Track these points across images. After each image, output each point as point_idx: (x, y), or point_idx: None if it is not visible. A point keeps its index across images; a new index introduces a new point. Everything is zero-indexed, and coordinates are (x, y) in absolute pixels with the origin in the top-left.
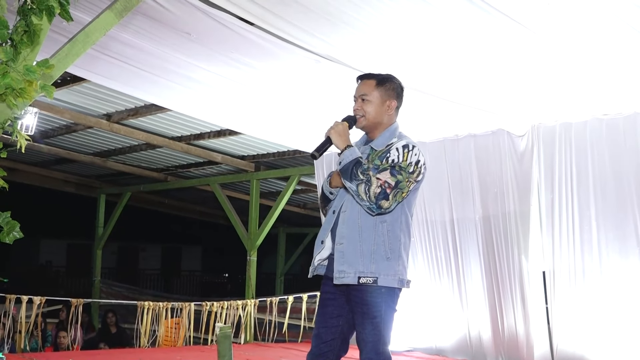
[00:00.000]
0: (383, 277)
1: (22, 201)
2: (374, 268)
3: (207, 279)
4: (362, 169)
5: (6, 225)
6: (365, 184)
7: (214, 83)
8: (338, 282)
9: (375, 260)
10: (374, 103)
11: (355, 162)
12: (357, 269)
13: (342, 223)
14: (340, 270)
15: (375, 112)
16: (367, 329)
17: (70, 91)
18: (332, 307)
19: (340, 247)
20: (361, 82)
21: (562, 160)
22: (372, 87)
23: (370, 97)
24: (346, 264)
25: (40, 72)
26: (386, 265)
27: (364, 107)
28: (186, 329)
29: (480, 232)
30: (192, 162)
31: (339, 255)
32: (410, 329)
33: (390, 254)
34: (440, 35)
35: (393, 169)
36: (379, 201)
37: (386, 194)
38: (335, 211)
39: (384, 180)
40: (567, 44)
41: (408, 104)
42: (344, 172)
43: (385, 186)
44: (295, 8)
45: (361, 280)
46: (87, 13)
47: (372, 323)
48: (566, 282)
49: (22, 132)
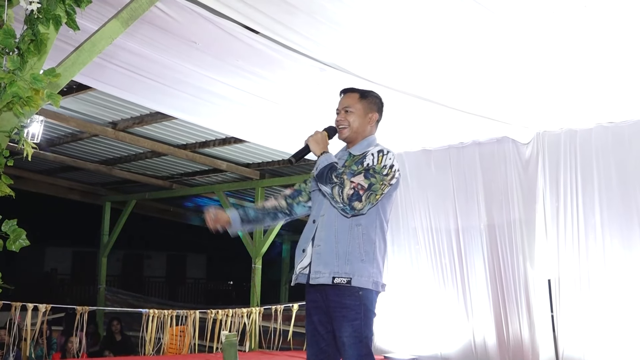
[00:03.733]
0: (357, 278)
1: (27, 209)
2: (348, 269)
3: (212, 287)
4: (336, 173)
5: (12, 233)
6: (339, 186)
7: (219, 91)
8: (313, 282)
9: (350, 262)
10: (357, 115)
11: (330, 166)
12: (332, 269)
13: (321, 227)
14: (316, 271)
15: (359, 124)
16: (347, 332)
17: (76, 99)
18: (319, 315)
19: (317, 249)
20: (344, 96)
21: (567, 167)
22: (356, 99)
23: (354, 109)
24: (322, 264)
25: (46, 80)
26: (360, 266)
27: (348, 118)
28: (191, 336)
29: (485, 240)
30: (197, 170)
31: (316, 257)
32: (415, 336)
33: (364, 256)
34: (445, 43)
35: (367, 172)
36: (352, 202)
37: (359, 195)
38: (315, 220)
39: (357, 183)
40: (572, 51)
41: (413, 112)
42: (319, 176)
43: (358, 188)
44: (300, 17)
45: (335, 280)
46: (94, 22)
47: (351, 326)
48: (572, 290)
49: (28, 140)
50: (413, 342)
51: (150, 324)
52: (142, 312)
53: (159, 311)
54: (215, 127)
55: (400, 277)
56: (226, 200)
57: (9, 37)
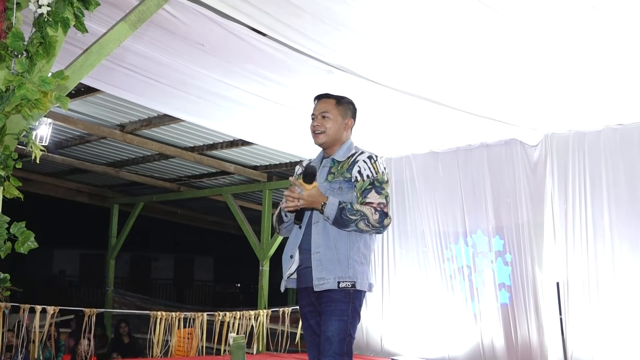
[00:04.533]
0: (359, 282)
1: (35, 211)
2: (351, 273)
3: (219, 289)
4: (351, 212)
5: (21, 235)
6: (362, 219)
7: (226, 93)
8: (319, 289)
9: (352, 266)
10: (334, 120)
11: (340, 210)
12: (336, 274)
13: (316, 234)
14: (320, 278)
15: (336, 129)
16: (332, 325)
17: (84, 102)
18: (315, 319)
19: (317, 255)
20: (320, 101)
21: (575, 170)
22: (332, 105)
23: (331, 114)
24: (325, 270)
25: (55, 83)
26: (361, 270)
27: (325, 123)
28: (199, 339)
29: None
30: (205, 172)
31: (317, 264)
32: (423, 339)
33: (363, 259)
34: (453, 45)
35: (376, 187)
36: (382, 223)
37: (385, 213)
38: (301, 226)
39: (377, 203)
40: (580, 53)
41: (421, 114)
42: (337, 225)
43: (381, 207)
44: (307, 19)
45: (341, 285)
46: (102, 25)
47: (338, 321)
48: (580, 293)
49: (37, 143)
50: (421, 344)
51: (158, 327)
52: (149, 314)
53: (167, 313)
54: (222, 130)
55: (408, 279)
56: (234, 203)
57: (18, 39)
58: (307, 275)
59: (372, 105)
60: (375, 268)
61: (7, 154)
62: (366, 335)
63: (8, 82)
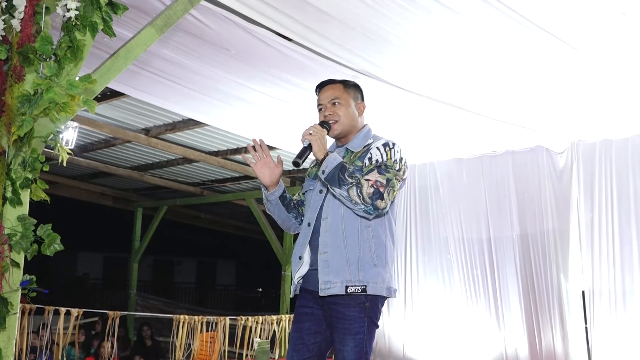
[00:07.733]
0: (372, 286)
1: (60, 214)
2: (361, 276)
3: (241, 294)
4: (349, 173)
5: (47, 237)
6: (356, 186)
7: (251, 98)
8: (324, 294)
9: (363, 268)
10: (346, 106)
11: (340, 167)
12: (345, 277)
13: (325, 231)
14: (326, 281)
15: (350, 116)
16: (348, 346)
17: (109, 106)
18: (310, 323)
19: (324, 256)
20: (324, 89)
21: (602, 178)
22: (341, 90)
23: (342, 99)
24: (332, 273)
25: (82, 86)
26: (374, 272)
27: (337, 111)
28: (221, 343)
29: (517, 251)
30: (228, 177)
31: (324, 265)
32: (446, 347)
33: (377, 260)
34: (479, 51)
35: (380, 168)
36: (374, 202)
37: (380, 193)
38: (310, 223)
39: (374, 180)
40: (608, 59)
41: (446, 120)
42: (330, 180)
43: (377, 185)
44: (333, 24)
45: (349, 289)
46: (129, 29)
47: (354, 340)
48: (606, 302)
49: (63, 146)
50: (444, 352)
51: (180, 330)
52: (172, 317)
53: (189, 317)
54: (246, 134)
55: (431, 287)
56: (257, 208)
57: (46, 43)
58: (314, 278)
59: (396, 111)
60: (398, 274)
61: (35, 157)
62: (389, 342)
63: (37, 85)
